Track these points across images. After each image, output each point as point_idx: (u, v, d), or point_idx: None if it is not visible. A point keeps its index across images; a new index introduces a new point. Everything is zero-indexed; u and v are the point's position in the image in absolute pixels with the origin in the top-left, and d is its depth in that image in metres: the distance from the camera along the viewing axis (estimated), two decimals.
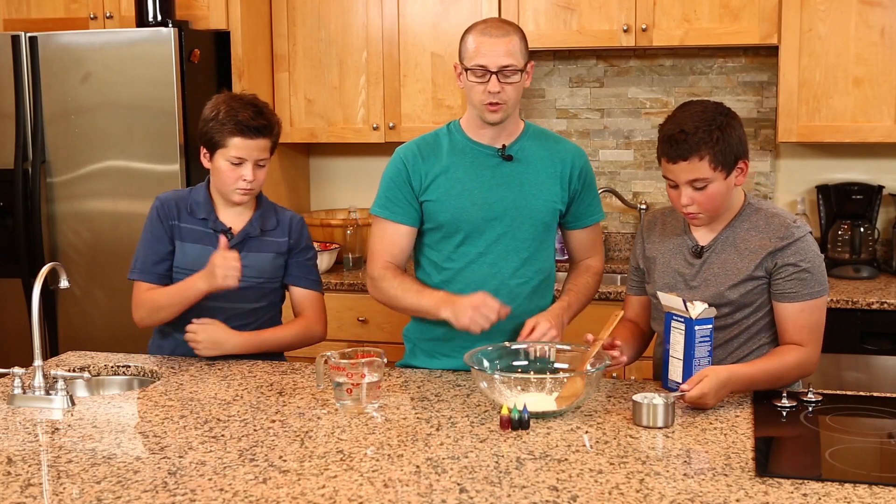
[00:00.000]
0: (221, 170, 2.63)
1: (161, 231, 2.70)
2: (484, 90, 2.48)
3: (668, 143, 2.31)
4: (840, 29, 3.69)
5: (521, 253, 2.60)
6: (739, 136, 2.33)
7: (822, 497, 1.77)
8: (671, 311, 2.36)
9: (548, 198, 2.60)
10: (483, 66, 2.47)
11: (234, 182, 2.63)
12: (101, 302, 3.88)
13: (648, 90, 4.22)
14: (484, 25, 2.53)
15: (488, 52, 2.47)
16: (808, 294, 2.35)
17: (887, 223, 4.01)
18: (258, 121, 2.61)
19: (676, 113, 2.36)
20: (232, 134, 2.60)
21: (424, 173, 2.60)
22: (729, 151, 2.30)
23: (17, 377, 2.38)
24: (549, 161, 2.61)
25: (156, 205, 2.73)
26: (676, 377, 2.34)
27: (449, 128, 2.66)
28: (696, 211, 2.35)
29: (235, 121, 2.59)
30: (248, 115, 2.60)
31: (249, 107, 2.62)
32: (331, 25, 4.16)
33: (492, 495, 1.79)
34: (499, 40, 2.47)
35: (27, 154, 3.85)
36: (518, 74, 2.49)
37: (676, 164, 2.30)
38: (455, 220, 2.59)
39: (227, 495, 1.81)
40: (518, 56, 2.49)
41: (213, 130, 2.62)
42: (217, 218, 2.70)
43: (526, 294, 2.61)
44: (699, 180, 2.30)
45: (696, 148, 2.28)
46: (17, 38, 3.80)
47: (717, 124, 2.29)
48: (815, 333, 2.38)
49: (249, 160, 2.61)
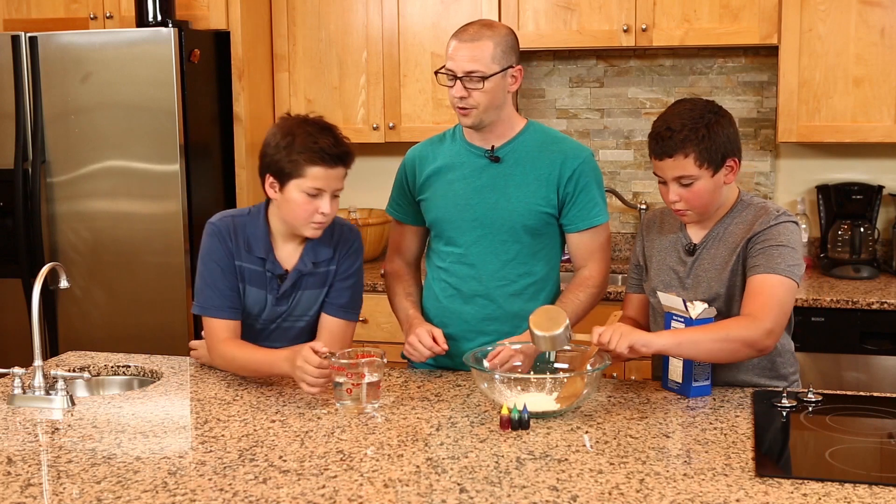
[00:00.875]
0: (296, 202, 2.38)
1: (227, 263, 2.47)
2: (452, 94, 2.50)
3: (655, 139, 2.33)
4: (840, 29, 3.69)
5: (501, 255, 2.60)
6: (728, 135, 2.33)
7: (822, 497, 1.77)
8: (671, 310, 2.36)
9: (531, 200, 2.56)
10: (450, 69, 2.49)
11: (309, 215, 2.39)
12: (101, 302, 3.88)
13: (648, 90, 4.22)
14: (462, 29, 2.53)
15: (455, 57, 2.48)
16: (770, 268, 2.29)
17: (887, 223, 4.01)
18: (340, 148, 2.37)
19: (667, 111, 2.38)
20: (311, 163, 2.34)
21: (420, 174, 2.65)
22: (715, 149, 2.30)
23: (17, 377, 2.38)
24: (540, 163, 2.57)
25: (214, 232, 2.48)
26: (676, 377, 2.34)
27: (454, 130, 2.69)
28: (683, 208, 2.37)
29: (316, 148, 2.34)
30: (328, 143, 2.35)
31: (328, 133, 2.38)
32: (331, 25, 4.16)
33: (492, 495, 1.80)
34: (467, 45, 2.47)
35: (27, 154, 3.85)
36: (483, 81, 2.46)
37: (663, 161, 2.33)
38: (439, 219, 2.62)
39: (227, 495, 1.81)
40: (487, 62, 2.46)
41: (286, 159, 2.35)
42: (275, 258, 2.48)
43: (505, 296, 2.60)
44: (685, 177, 2.32)
45: (680, 145, 2.29)
46: (17, 38, 3.80)
47: (705, 122, 2.30)
48: (770, 308, 2.26)
49: (327, 191, 2.38)
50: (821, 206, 4.00)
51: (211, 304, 2.48)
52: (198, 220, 3.84)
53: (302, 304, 2.53)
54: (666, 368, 2.38)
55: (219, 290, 2.47)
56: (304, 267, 2.49)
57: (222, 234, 2.47)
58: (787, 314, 2.31)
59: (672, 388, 2.35)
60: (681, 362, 2.32)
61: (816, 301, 3.48)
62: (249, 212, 2.53)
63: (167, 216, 3.77)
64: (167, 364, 2.71)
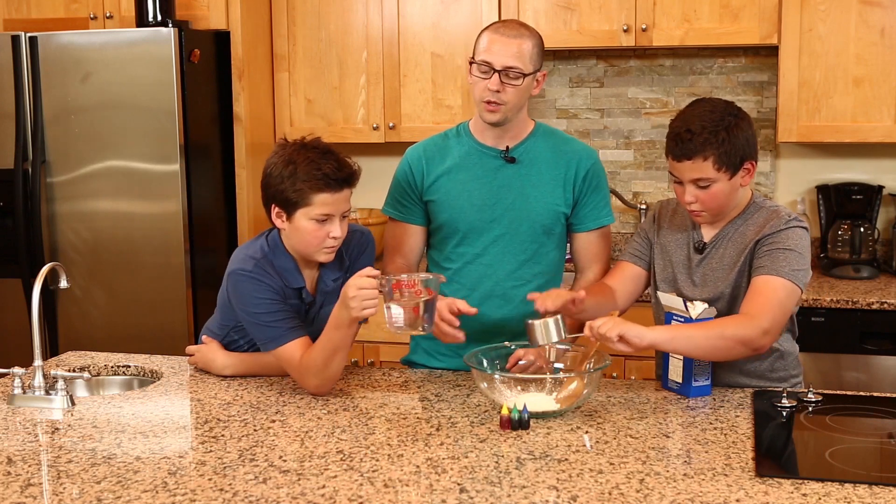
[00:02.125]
0: (306, 230, 2.35)
1: (275, 294, 2.39)
2: (485, 87, 2.48)
3: (675, 141, 2.31)
4: (840, 29, 3.69)
5: (519, 255, 2.60)
6: (747, 138, 2.32)
7: (822, 497, 1.77)
8: (671, 310, 2.36)
9: (549, 200, 2.59)
10: (488, 62, 2.47)
11: (321, 241, 2.36)
12: (101, 302, 3.88)
13: (648, 90, 4.22)
14: (501, 24, 2.53)
15: (497, 50, 2.47)
16: (774, 270, 2.28)
17: (887, 223, 4.01)
18: (343, 171, 2.34)
19: (686, 110, 2.35)
20: (317, 190, 2.31)
21: (428, 173, 2.63)
22: (734, 153, 2.29)
23: (17, 377, 2.38)
24: (555, 163, 2.60)
25: (251, 278, 2.38)
26: (677, 377, 2.34)
27: (458, 129, 2.68)
28: (699, 209, 2.36)
29: (320, 175, 2.30)
30: (332, 167, 2.32)
31: (330, 157, 2.34)
32: (331, 25, 4.16)
33: (492, 495, 1.80)
34: (510, 41, 2.47)
35: (27, 154, 3.85)
36: (522, 79, 2.47)
37: (681, 163, 2.31)
38: (453, 220, 2.60)
39: (227, 495, 1.81)
40: (526, 60, 2.48)
41: (291, 188, 2.31)
42: (305, 286, 2.45)
43: (522, 297, 2.61)
44: (703, 179, 2.30)
45: (700, 148, 2.27)
46: (17, 38, 3.80)
47: (725, 125, 2.28)
48: (769, 309, 2.24)
49: (336, 215, 2.35)
50: (821, 206, 4.00)
51: (272, 335, 2.38)
52: (198, 220, 3.84)
53: (324, 319, 2.48)
54: (666, 367, 2.38)
55: (275, 317, 2.38)
56: (325, 287, 2.49)
57: (259, 277, 2.39)
58: (786, 316, 2.30)
59: (672, 387, 2.35)
60: (681, 361, 2.32)
61: (816, 301, 3.48)
62: (263, 249, 2.44)
63: (167, 216, 3.77)
64: (167, 364, 2.71)
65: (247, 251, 2.45)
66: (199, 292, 3.85)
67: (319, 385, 2.36)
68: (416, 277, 2.26)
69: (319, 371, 2.34)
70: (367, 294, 2.23)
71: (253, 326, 2.41)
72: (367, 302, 2.23)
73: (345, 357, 2.36)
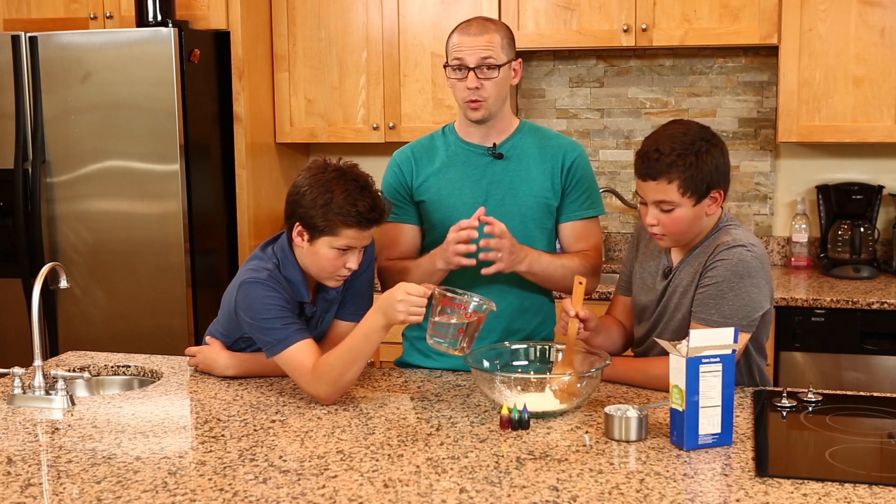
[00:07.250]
0: (325, 257, 2.34)
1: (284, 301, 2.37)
2: (463, 87, 2.51)
3: (642, 159, 2.27)
4: (840, 29, 3.69)
5: None
6: (717, 165, 2.25)
7: (822, 497, 1.77)
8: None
9: (538, 194, 2.60)
10: (460, 59, 2.50)
11: (336, 270, 2.36)
12: (101, 302, 3.88)
13: (648, 90, 4.22)
14: (465, 24, 2.56)
15: (467, 50, 2.50)
16: (702, 319, 2.25)
17: (887, 223, 4.01)
18: (377, 211, 2.33)
19: (659, 130, 2.31)
20: (347, 225, 2.30)
21: (417, 174, 2.65)
22: (701, 179, 2.23)
23: (17, 377, 2.38)
24: (541, 157, 2.61)
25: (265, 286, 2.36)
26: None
27: (444, 130, 2.69)
28: (659, 232, 2.31)
29: (353, 212, 2.29)
30: (366, 206, 2.30)
31: (366, 194, 2.32)
32: (331, 25, 4.16)
33: (492, 495, 1.80)
34: (478, 38, 2.50)
35: (27, 154, 3.85)
36: (497, 70, 2.50)
37: (646, 183, 2.27)
38: (446, 219, 2.60)
39: (227, 495, 1.81)
40: (498, 52, 2.50)
41: (321, 217, 2.30)
42: (309, 301, 2.46)
43: (516, 293, 2.61)
44: (666, 202, 2.25)
45: (666, 170, 2.22)
46: (17, 38, 3.80)
47: (695, 149, 2.22)
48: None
49: (357, 247, 2.36)
50: (821, 206, 4.00)
51: (279, 337, 2.35)
52: (198, 220, 3.84)
53: (325, 328, 2.53)
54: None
55: (283, 321, 2.35)
56: (326, 295, 2.49)
57: (272, 285, 2.38)
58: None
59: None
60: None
61: (816, 301, 3.48)
62: (274, 262, 2.42)
63: (167, 216, 3.78)
64: (167, 364, 2.71)
65: (259, 263, 2.43)
66: (199, 292, 3.85)
67: (330, 394, 2.32)
68: (468, 300, 2.25)
69: (335, 380, 2.30)
70: (416, 301, 2.22)
71: (259, 331, 2.38)
72: (415, 308, 2.22)
73: (361, 368, 2.32)
